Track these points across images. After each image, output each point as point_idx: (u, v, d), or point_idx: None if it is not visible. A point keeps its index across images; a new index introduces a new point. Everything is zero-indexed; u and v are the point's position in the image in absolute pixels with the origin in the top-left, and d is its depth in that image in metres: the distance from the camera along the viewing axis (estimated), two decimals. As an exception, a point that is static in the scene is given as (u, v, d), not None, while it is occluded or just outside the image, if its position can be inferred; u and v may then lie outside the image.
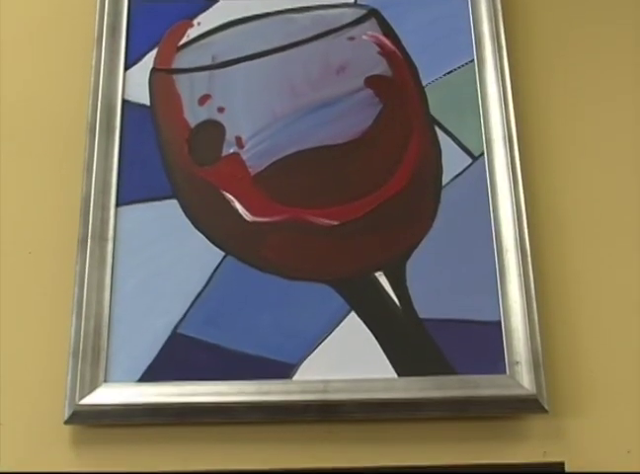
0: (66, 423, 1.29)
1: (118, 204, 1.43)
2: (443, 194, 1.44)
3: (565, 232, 1.44)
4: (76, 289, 1.36)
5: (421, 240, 1.41)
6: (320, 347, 1.35)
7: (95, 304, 1.36)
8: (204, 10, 1.56)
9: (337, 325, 1.36)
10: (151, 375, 1.33)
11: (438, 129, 1.49)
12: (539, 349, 1.33)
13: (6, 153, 1.48)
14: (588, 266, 1.42)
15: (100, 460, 1.30)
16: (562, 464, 1.27)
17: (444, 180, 1.46)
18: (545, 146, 1.49)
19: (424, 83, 1.51)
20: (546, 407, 1.30)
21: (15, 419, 1.32)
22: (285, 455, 1.30)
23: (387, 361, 1.34)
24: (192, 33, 1.54)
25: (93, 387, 1.32)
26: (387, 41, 1.53)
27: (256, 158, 1.45)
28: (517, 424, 1.32)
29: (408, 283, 1.39)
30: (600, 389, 1.35)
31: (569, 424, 1.33)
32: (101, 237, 1.40)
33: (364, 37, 1.53)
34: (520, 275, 1.38)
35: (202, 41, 1.53)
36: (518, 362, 1.33)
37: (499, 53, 1.52)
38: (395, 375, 1.33)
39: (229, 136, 1.47)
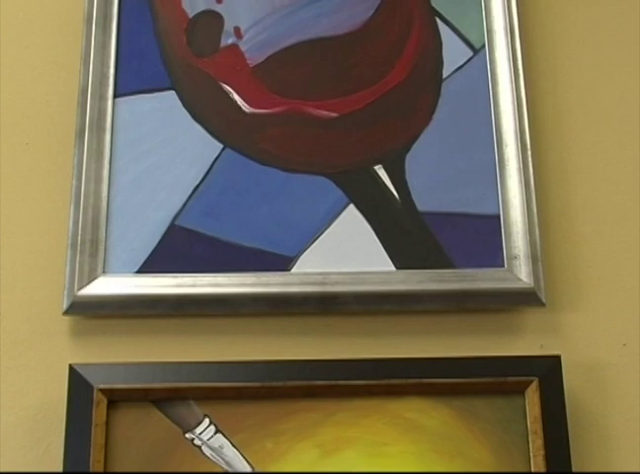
0: (65, 313, 1.27)
1: (115, 96, 1.38)
2: (444, 86, 1.40)
3: (566, 125, 1.40)
4: (74, 181, 1.33)
5: (420, 133, 1.38)
6: (319, 239, 1.32)
7: (93, 196, 1.33)
8: None
9: (335, 218, 1.33)
10: (150, 267, 1.30)
11: (439, 21, 1.44)
12: (538, 242, 1.31)
13: (3, 44, 1.43)
14: (588, 159, 1.39)
15: (98, 351, 1.27)
16: (558, 357, 1.24)
17: (445, 72, 1.41)
18: (547, 37, 1.45)
19: (425, -27, 1.45)
20: (544, 300, 1.29)
21: (14, 309, 1.30)
22: (284, 347, 1.28)
23: (385, 254, 1.31)
24: None
25: (91, 278, 1.29)
26: None
27: (255, 49, 1.41)
28: (514, 317, 1.31)
29: (407, 176, 1.35)
30: (597, 283, 1.33)
31: (566, 317, 1.31)
32: (99, 128, 1.36)
33: None
34: (519, 168, 1.35)
35: None
36: (516, 256, 1.31)
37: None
38: (393, 268, 1.31)
39: (228, 27, 1.42)
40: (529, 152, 1.35)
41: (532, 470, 1.19)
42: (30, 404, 1.24)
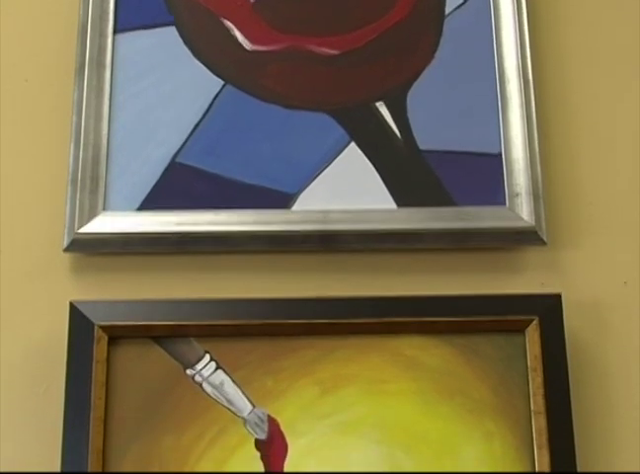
0: (65, 251, 1.26)
1: (115, 31, 1.36)
2: (446, 23, 1.38)
3: (568, 62, 1.38)
4: (74, 118, 1.31)
5: (422, 70, 1.35)
6: (319, 177, 1.30)
7: (93, 133, 1.31)
8: None
9: (337, 155, 1.31)
10: (150, 204, 1.28)
11: (441, -43, 1.40)
12: (539, 180, 1.29)
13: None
14: (590, 96, 1.37)
15: (99, 288, 1.26)
16: (559, 296, 1.22)
17: (447, 9, 1.39)
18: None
19: None
20: (545, 239, 1.27)
21: (14, 246, 1.29)
22: (284, 284, 1.26)
23: (387, 192, 1.29)
24: None
25: (92, 215, 1.27)
26: None
27: (255, -16, 1.38)
28: (515, 255, 1.29)
29: (409, 114, 1.33)
30: (598, 221, 1.31)
31: (567, 255, 1.30)
32: (98, 64, 1.34)
33: None
34: (521, 105, 1.33)
35: None
36: (517, 194, 1.29)
37: None
38: (394, 206, 1.29)
39: (228, -39, 1.39)
40: (532, 89, 1.33)
41: (532, 408, 1.18)
42: (30, 341, 1.23)
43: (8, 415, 1.21)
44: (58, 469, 1.13)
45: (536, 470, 1.15)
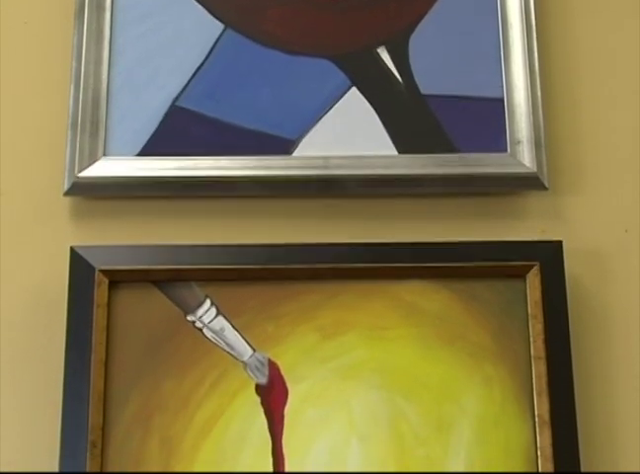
0: (66, 194, 1.25)
1: None
2: None
3: (572, 8, 1.36)
4: (73, 62, 1.29)
5: (424, 15, 1.33)
6: (320, 122, 1.28)
7: (93, 76, 1.29)
8: None
9: (338, 100, 1.29)
10: (151, 149, 1.27)
11: None
12: (542, 127, 1.28)
13: None
14: (594, 41, 1.35)
15: (99, 232, 1.25)
16: (560, 242, 1.21)
17: None
18: None
19: None
20: (546, 185, 1.26)
21: (15, 191, 1.27)
22: (285, 230, 1.25)
23: (388, 138, 1.28)
24: None
25: (92, 160, 1.26)
26: None
27: None
28: (516, 201, 1.28)
29: (410, 59, 1.31)
30: (600, 168, 1.30)
31: (568, 202, 1.28)
32: (98, 7, 1.32)
33: None
34: (524, 51, 1.31)
35: None
36: (519, 140, 1.27)
37: None
38: (395, 152, 1.27)
39: None
40: (534, 34, 1.31)
41: (532, 353, 1.17)
42: (31, 286, 1.23)
43: (9, 360, 1.20)
44: (59, 411, 1.13)
45: (536, 413, 1.15)
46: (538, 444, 1.14)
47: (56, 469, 1.11)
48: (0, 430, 1.17)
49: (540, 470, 1.13)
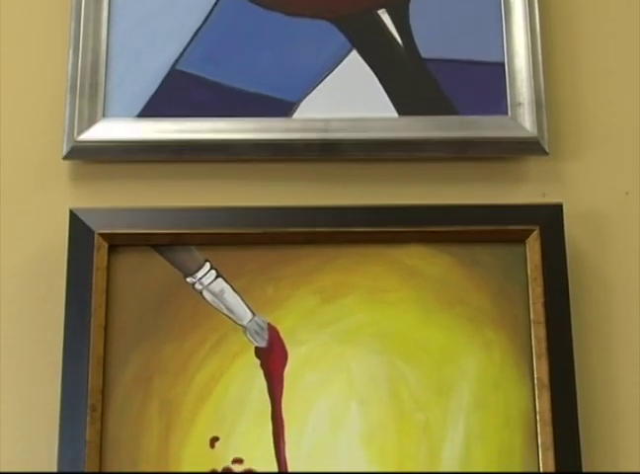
0: (65, 158, 1.23)
1: None
2: None
3: None
4: (72, 24, 1.27)
5: None
6: (320, 85, 1.27)
7: (92, 39, 1.27)
8: None
9: (338, 63, 1.28)
10: (150, 112, 1.26)
11: None
12: (542, 90, 1.26)
13: None
14: (595, 5, 1.33)
15: (99, 196, 1.24)
16: (560, 206, 1.20)
17: None
18: None
19: None
20: (547, 149, 1.24)
21: (14, 154, 1.26)
22: (285, 193, 1.24)
23: (388, 101, 1.26)
24: None
25: (91, 123, 1.24)
26: None
27: None
28: (517, 165, 1.27)
29: (411, 22, 1.29)
30: (601, 132, 1.28)
31: (569, 166, 1.27)
32: None
33: None
34: (525, 14, 1.29)
35: None
36: (520, 104, 1.26)
37: None
38: (396, 115, 1.26)
39: None
40: (536, -4, 1.30)
41: (532, 317, 1.16)
42: (30, 249, 1.22)
43: (9, 323, 1.19)
44: (59, 375, 1.12)
45: (535, 376, 1.14)
46: (537, 408, 1.13)
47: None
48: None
49: (539, 434, 1.12)
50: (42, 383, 1.16)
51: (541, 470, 1.12)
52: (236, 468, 1.12)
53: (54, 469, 1.10)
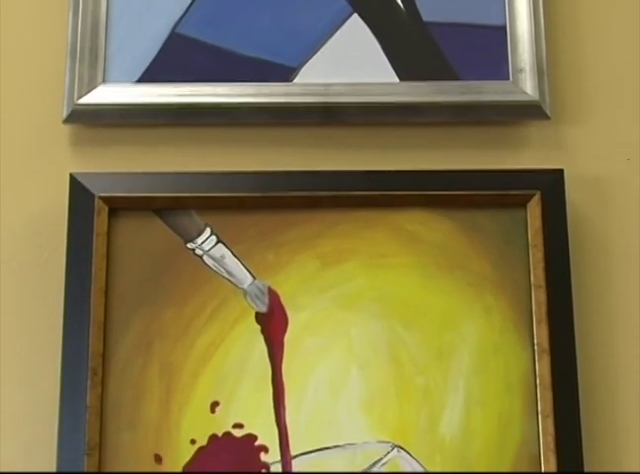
0: (65, 122, 1.22)
1: None
2: None
3: None
4: None
5: None
6: (321, 49, 1.25)
7: (92, 3, 1.25)
8: None
9: (339, 27, 1.26)
10: (150, 76, 1.24)
11: None
12: (544, 55, 1.25)
13: None
14: None
15: (99, 160, 1.23)
16: (561, 171, 1.19)
17: None
18: None
19: None
20: (548, 114, 1.23)
21: (14, 118, 1.25)
22: (286, 157, 1.23)
23: (389, 65, 1.25)
24: None
25: (91, 87, 1.23)
26: None
27: None
28: (518, 130, 1.25)
29: None
30: (602, 97, 1.27)
31: (570, 131, 1.25)
32: None
33: None
34: None
35: None
36: (522, 69, 1.24)
37: None
38: (397, 79, 1.24)
39: None
40: (538, -40, 1.27)
41: (532, 281, 1.15)
42: (30, 214, 1.21)
43: (9, 287, 1.18)
44: (60, 339, 1.11)
45: (535, 341, 1.13)
46: (537, 372, 1.12)
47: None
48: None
49: (539, 398, 1.12)
50: (43, 347, 1.15)
51: (541, 435, 1.11)
52: (236, 433, 1.12)
53: (54, 436, 1.09)
